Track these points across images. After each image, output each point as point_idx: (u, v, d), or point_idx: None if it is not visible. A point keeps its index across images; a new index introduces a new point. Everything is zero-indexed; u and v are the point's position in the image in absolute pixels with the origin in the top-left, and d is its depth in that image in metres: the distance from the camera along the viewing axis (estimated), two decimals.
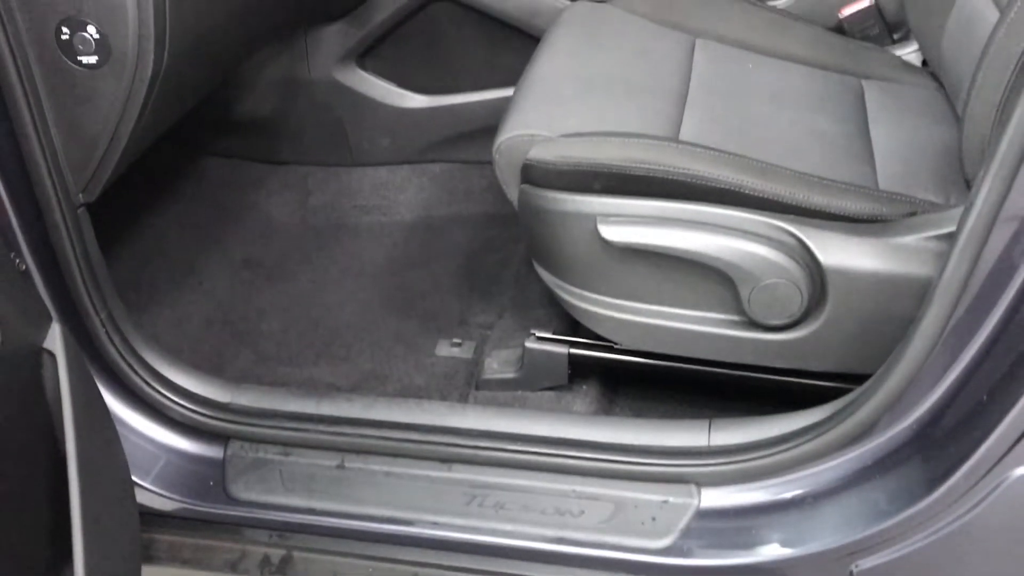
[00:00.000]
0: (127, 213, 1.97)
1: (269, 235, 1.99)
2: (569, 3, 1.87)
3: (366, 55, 2.02)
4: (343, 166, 2.12)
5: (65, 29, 1.16)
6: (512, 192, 1.41)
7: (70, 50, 1.17)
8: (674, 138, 1.37)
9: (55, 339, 1.00)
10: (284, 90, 2.05)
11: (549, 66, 1.55)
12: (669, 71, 1.53)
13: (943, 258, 1.08)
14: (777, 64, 1.59)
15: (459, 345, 1.67)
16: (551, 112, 1.42)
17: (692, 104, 1.45)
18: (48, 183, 1.21)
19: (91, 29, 1.16)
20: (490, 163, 1.42)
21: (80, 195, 1.27)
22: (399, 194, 2.07)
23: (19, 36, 1.14)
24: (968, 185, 1.26)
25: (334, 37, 1.98)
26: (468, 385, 1.59)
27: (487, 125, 1.94)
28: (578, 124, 1.38)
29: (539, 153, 1.34)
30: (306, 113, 2.06)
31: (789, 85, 1.54)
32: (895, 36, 1.78)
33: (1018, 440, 1.04)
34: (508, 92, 1.88)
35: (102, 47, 1.17)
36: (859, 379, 1.23)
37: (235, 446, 1.40)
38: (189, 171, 2.13)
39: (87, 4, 1.15)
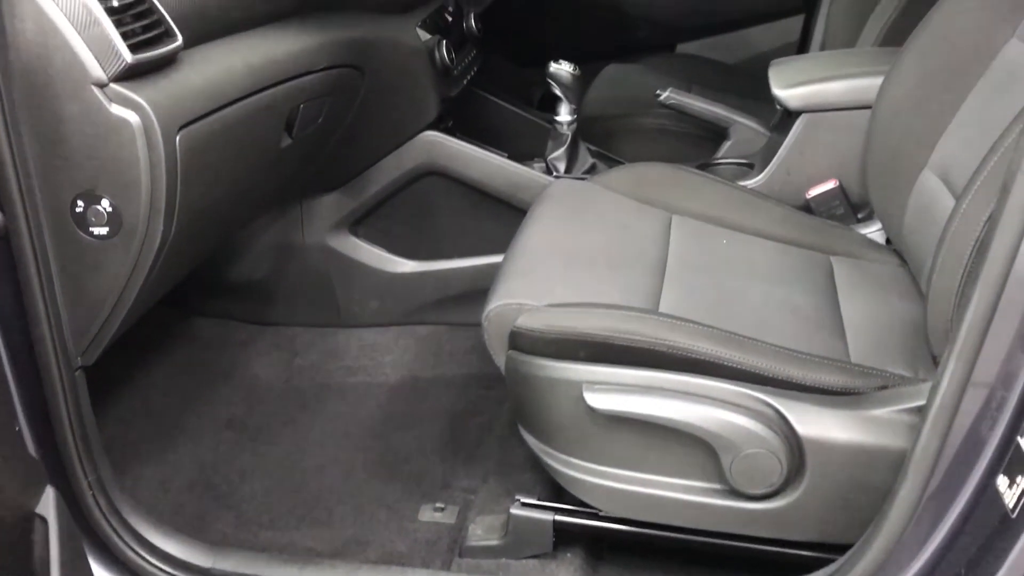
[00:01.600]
0: (115, 370, 1.99)
1: (255, 395, 2.01)
2: (552, 179, 1.98)
3: (359, 223, 2.11)
4: (331, 327, 2.17)
5: (80, 202, 1.21)
6: (500, 358, 1.45)
7: (83, 222, 1.22)
8: (654, 310, 1.43)
9: (48, 504, 1.01)
10: (278, 254, 2.11)
11: (536, 239, 1.63)
12: (648, 245, 1.62)
13: (915, 431, 1.12)
14: (750, 240, 1.68)
15: (442, 510, 1.67)
16: (538, 283, 1.49)
17: (671, 277, 1.53)
18: (50, 347, 1.24)
19: (105, 203, 1.21)
20: (475, 325, 1.47)
21: (79, 358, 1.30)
22: (385, 355, 2.11)
23: (36, 208, 1.19)
24: (935, 360, 1.32)
25: (328, 206, 2.06)
26: (451, 552, 1.58)
27: (472, 289, 2.02)
28: (564, 295, 1.44)
29: (527, 321, 1.39)
30: (298, 277, 2.12)
31: (762, 260, 1.62)
32: (859, 216, 1.89)
33: None
34: (492, 259, 1.97)
35: (114, 220, 1.22)
36: (840, 548, 1.25)
37: None
38: (179, 331, 2.17)
39: (103, 180, 1.20)
